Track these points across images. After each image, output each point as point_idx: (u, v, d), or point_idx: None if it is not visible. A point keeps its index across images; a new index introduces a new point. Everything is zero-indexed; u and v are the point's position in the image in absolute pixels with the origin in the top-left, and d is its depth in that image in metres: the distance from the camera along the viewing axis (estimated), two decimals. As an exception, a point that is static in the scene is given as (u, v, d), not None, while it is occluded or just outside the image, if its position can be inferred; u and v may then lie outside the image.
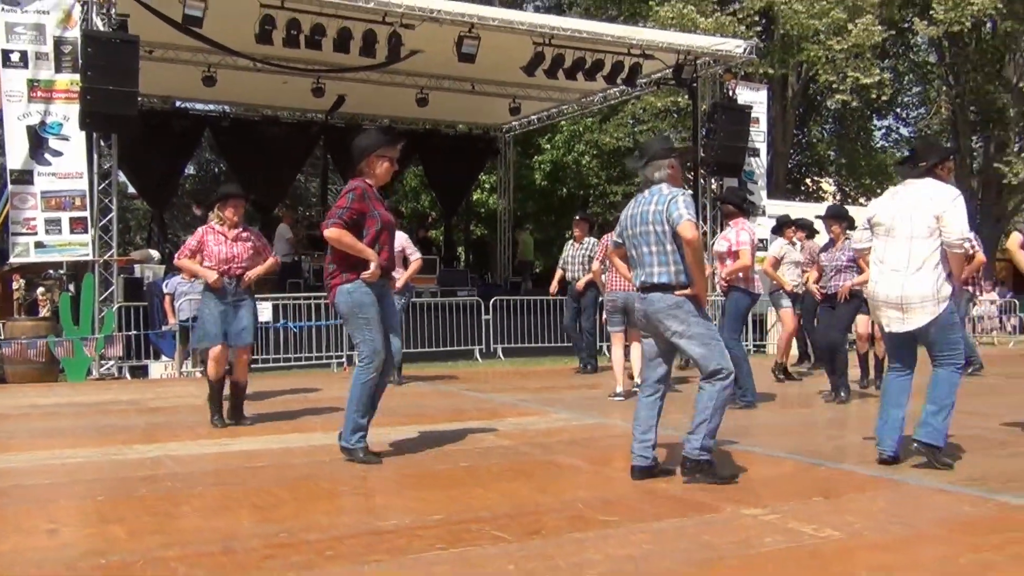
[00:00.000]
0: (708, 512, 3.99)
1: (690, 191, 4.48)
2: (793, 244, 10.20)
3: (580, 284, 10.19)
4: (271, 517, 4.00)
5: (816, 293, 8.25)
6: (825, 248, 8.31)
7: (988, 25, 22.96)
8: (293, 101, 16.79)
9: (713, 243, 9.23)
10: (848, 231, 7.86)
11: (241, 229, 6.64)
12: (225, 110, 17.82)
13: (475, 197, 23.19)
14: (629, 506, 4.19)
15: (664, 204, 4.50)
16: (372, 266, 4.97)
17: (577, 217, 10.83)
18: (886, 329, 4.97)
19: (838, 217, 8.12)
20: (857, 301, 7.61)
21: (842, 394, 7.80)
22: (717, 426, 4.51)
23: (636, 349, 8.07)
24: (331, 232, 4.92)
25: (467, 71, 14.31)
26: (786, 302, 9.71)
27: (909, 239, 4.81)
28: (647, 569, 3.22)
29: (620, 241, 4.86)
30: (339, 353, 11.62)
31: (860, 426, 6.46)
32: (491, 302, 13.48)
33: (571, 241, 10.59)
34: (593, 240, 10.33)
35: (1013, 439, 5.86)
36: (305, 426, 6.70)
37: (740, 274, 7.43)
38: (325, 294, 5.28)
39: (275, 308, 11.66)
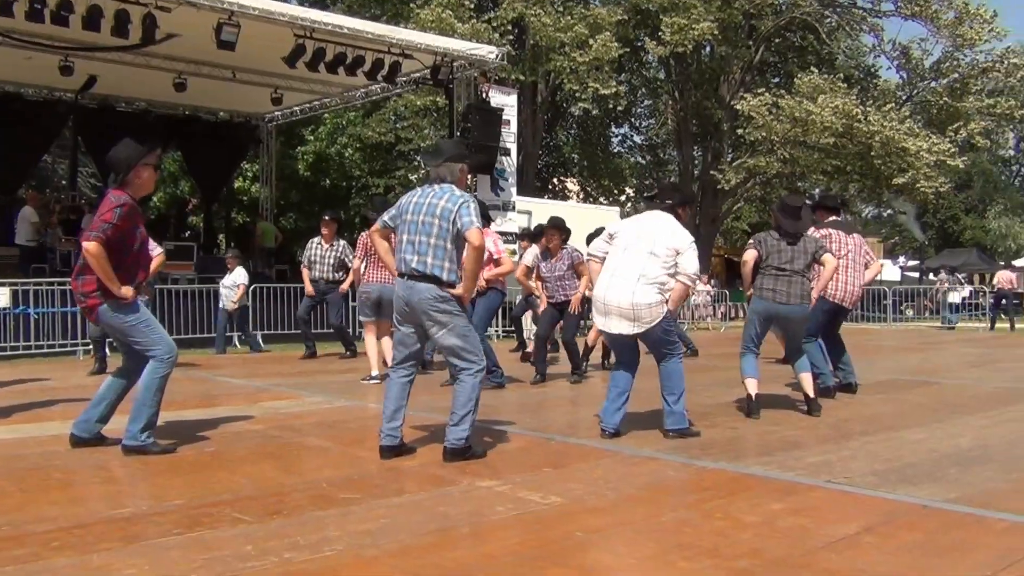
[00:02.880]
0: (446, 485, 4.19)
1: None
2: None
3: (344, 286, 10.51)
4: (-8, 511, 3.76)
5: (544, 302, 8.72)
6: (544, 257, 8.70)
7: (707, 49, 25.95)
8: (38, 78, 15.83)
9: None
10: (565, 243, 8.52)
11: None
12: (-41, 84, 16.47)
13: (237, 185, 22.91)
14: (372, 484, 4.29)
15: (456, 205, 4.66)
16: (123, 292, 4.84)
17: (326, 218, 11.03)
18: (615, 331, 5.40)
19: (559, 228, 8.53)
20: (585, 307, 8.43)
21: (574, 376, 8.60)
22: (476, 415, 4.79)
23: (388, 338, 8.51)
24: (91, 247, 4.73)
25: (227, 58, 14.16)
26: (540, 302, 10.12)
27: (647, 256, 5.31)
28: (383, 541, 3.30)
29: (391, 224, 4.92)
30: (85, 340, 11.17)
31: (590, 404, 7.03)
32: (251, 289, 13.61)
33: (318, 240, 10.83)
34: (343, 242, 10.81)
35: (715, 412, 6.44)
36: (41, 416, 6.39)
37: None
38: (71, 279, 5.02)
39: (14, 293, 11.21)
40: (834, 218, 7.73)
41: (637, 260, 5.34)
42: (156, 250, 8.87)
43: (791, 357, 6.66)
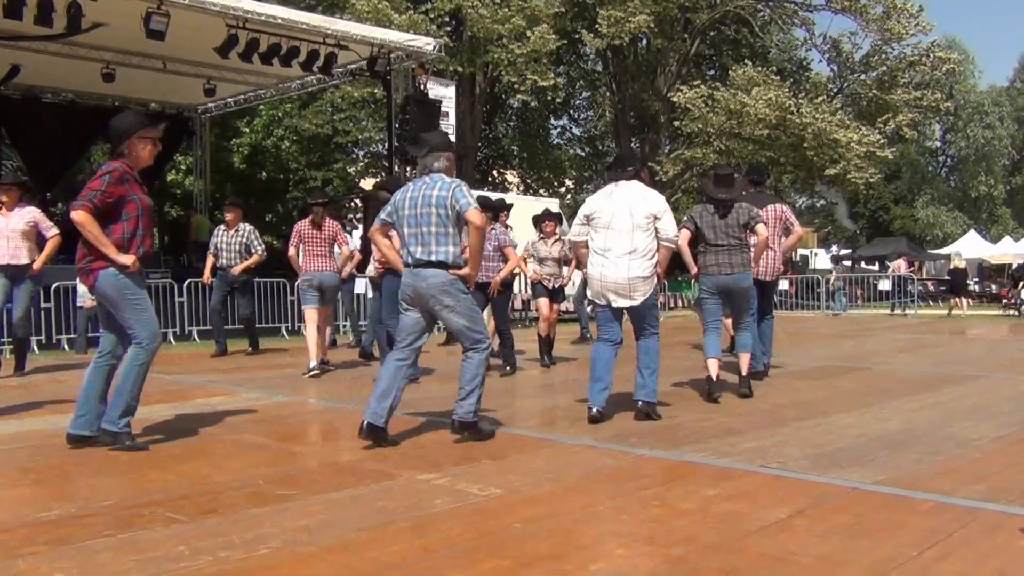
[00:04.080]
0: (385, 480, 4.16)
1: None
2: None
3: (237, 270, 10.30)
4: (-93, 518, 3.61)
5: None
6: None
7: (643, 41, 26.19)
8: (-43, 67, 15.25)
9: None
10: (494, 222, 8.46)
11: None
12: None
13: (170, 178, 22.36)
14: (310, 479, 4.24)
15: (449, 191, 4.92)
16: (123, 259, 4.80)
17: (228, 202, 10.82)
18: (613, 305, 5.60)
19: (484, 207, 8.85)
20: (509, 292, 8.34)
21: (508, 368, 8.54)
22: (482, 389, 5.10)
23: (314, 329, 8.50)
24: (78, 216, 4.76)
25: (157, 48, 13.89)
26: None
27: (631, 231, 5.49)
28: (321, 537, 3.27)
29: (389, 220, 5.15)
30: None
31: (527, 395, 7.07)
32: (185, 284, 13.32)
33: (222, 227, 10.53)
34: (248, 227, 10.45)
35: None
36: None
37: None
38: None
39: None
40: (752, 190, 7.91)
41: (624, 237, 5.51)
42: (52, 231, 8.46)
43: (736, 331, 6.81)
